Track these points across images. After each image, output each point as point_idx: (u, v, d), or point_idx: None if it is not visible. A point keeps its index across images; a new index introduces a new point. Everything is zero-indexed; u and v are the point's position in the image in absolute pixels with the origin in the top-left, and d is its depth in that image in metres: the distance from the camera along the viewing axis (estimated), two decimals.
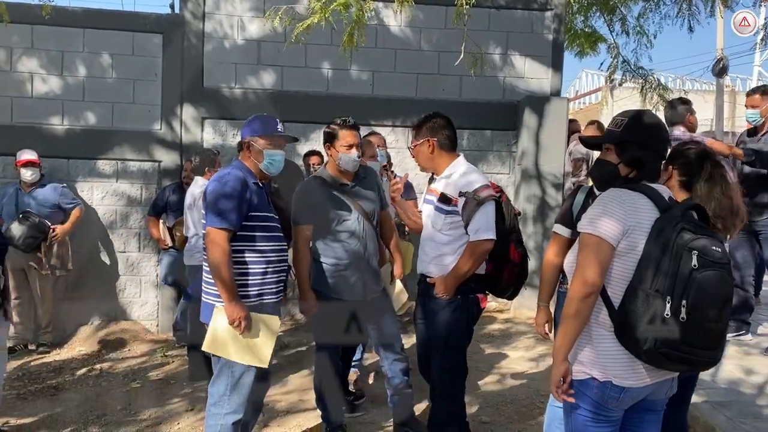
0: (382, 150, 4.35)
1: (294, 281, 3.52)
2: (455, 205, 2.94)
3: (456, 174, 3.02)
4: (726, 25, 15.81)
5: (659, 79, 7.95)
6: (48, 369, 5.15)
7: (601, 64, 12.98)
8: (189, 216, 4.70)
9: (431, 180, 3.19)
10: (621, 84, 9.14)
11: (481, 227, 2.89)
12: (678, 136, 4.43)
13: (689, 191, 2.50)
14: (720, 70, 14.16)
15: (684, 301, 1.85)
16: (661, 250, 1.90)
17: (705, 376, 3.78)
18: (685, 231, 1.90)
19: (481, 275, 3.04)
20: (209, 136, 6.05)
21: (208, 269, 2.92)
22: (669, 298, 1.86)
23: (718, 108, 14.85)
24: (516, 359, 4.91)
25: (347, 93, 6.16)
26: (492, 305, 6.13)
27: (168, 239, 5.55)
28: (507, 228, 3.03)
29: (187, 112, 6.00)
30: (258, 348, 2.91)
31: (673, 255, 1.88)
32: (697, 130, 5.05)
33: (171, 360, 5.26)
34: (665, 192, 2.11)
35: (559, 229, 2.91)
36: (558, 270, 2.88)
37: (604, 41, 8.12)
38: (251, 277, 2.93)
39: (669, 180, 2.55)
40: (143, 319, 6.07)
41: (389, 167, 4.74)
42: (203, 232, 2.92)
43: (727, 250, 2.08)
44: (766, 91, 4.67)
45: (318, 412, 3.69)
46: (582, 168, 7.05)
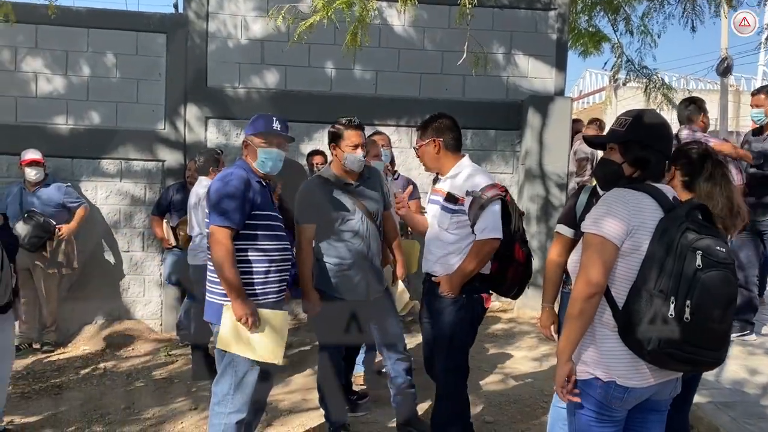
0: (386, 150, 4.35)
1: None
2: (462, 205, 2.94)
3: (462, 174, 3.01)
4: (727, 25, 15.77)
5: (663, 79, 7.94)
6: (52, 368, 5.17)
7: (605, 63, 12.93)
8: (193, 215, 4.70)
9: (436, 180, 3.19)
10: (625, 83, 9.13)
11: (488, 226, 2.89)
12: (685, 137, 4.42)
13: (692, 191, 2.50)
14: (724, 69, 14.13)
15: (688, 302, 1.85)
16: (665, 250, 1.90)
17: (709, 376, 3.77)
18: (690, 231, 1.90)
19: (486, 275, 3.04)
20: (213, 135, 6.06)
21: (212, 268, 2.93)
22: (673, 298, 1.86)
23: (722, 107, 14.82)
24: (519, 359, 4.91)
25: (350, 93, 6.15)
26: (495, 305, 6.13)
27: (171, 239, 5.55)
28: (512, 227, 3.03)
29: (191, 111, 6.01)
30: (269, 344, 2.92)
31: (678, 255, 1.87)
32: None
33: (174, 359, 5.27)
34: (669, 192, 2.10)
35: (562, 229, 2.90)
36: (561, 270, 2.88)
37: (608, 41, 8.08)
38: (254, 276, 2.94)
39: (672, 180, 2.55)
40: (147, 319, 6.08)
41: (392, 167, 4.74)
42: (207, 231, 2.93)
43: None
44: None
45: (321, 411, 3.69)
46: (586, 168, 7.05)
